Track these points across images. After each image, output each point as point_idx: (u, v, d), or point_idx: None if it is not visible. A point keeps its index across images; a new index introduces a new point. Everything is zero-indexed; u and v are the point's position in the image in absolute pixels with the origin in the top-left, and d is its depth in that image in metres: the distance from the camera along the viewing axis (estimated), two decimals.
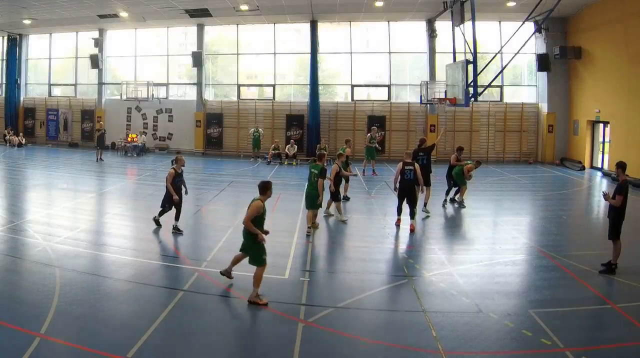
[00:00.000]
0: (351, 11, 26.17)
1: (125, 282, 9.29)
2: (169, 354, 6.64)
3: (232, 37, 30.57)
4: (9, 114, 35.34)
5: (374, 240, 12.26)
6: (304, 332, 7.19)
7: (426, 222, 14.37)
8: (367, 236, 12.75)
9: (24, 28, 33.20)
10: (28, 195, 18.91)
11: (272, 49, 29.42)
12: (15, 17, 29.39)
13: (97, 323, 7.43)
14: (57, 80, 35.78)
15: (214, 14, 27.19)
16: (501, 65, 23.51)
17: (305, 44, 28.28)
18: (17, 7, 27.01)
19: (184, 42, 32.37)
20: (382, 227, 13.66)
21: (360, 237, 12.75)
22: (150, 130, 32.11)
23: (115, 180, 21.93)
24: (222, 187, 19.92)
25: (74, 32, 33.79)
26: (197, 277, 9.47)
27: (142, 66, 32.56)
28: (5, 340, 6.68)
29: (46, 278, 9.22)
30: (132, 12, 27.31)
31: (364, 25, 28.78)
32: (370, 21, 28.22)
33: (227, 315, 8.25)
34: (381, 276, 9.91)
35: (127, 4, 25.96)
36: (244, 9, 25.76)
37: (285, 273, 9.79)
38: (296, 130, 28.65)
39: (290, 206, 16.03)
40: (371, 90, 29.69)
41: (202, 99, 30.58)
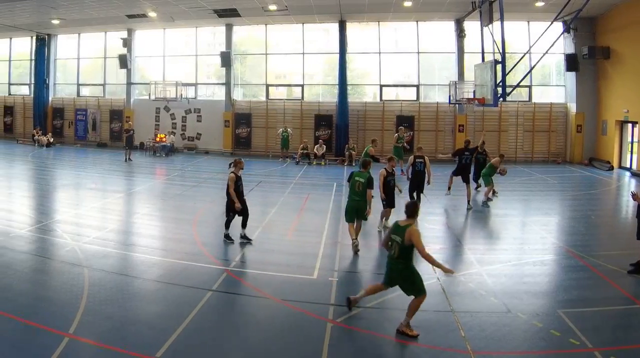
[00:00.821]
0: (380, 11, 27.83)
1: (153, 282, 9.83)
2: (198, 354, 7.00)
3: (261, 37, 32.77)
4: (38, 114, 38.11)
5: None
6: (333, 332, 7.59)
7: (455, 222, 15.51)
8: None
9: (52, 28, 35.70)
10: (57, 195, 20.02)
11: (301, 49, 31.33)
12: (44, 17, 31.49)
13: (125, 323, 7.85)
14: (85, 80, 38.42)
15: (242, 14, 29.00)
16: (529, 65, 24.93)
17: (334, 44, 30.13)
18: (46, 7, 28.88)
19: (212, 42, 34.64)
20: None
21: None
22: (179, 130, 34.50)
23: (144, 180, 23.25)
24: (250, 187, 20.68)
25: (103, 32, 36.34)
26: (226, 277, 9.98)
27: (171, 66, 34.99)
28: (34, 340, 7.11)
29: (75, 278, 9.75)
30: (161, 12, 29.20)
31: (393, 25, 30.46)
32: (399, 21, 29.92)
33: (255, 315, 8.55)
34: None
35: (156, 4, 27.73)
36: (272, 9, 27.46)
37: (314, 273, 10.32)
38: (325, 130, 30.49)
39: (319, 206, 17.06)
40: (400, 90, 31.41)
41: (230, 99, 32.85)
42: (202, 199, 18.47)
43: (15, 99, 40.44)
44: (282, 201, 18.21)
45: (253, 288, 9.55)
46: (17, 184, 21.69)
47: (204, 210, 16.65)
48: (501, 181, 19.69)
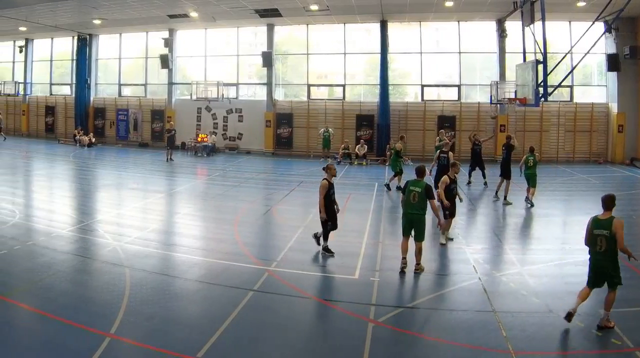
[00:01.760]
0: (421, 11, 29.95)
1: (195, 282, 10.48)
2: (239, 354, 7.47)
3: (302, 37, 35.56)
4: (79, 114, 41.81)
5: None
6: (374, 332, 8.07)
7: (495, 222, 16.67)
8: (437, 235, 14.02)
9: (93, 28, 39.05)
10: (98, 195, 21.52)
11: (342, 48, 33.98)
12: (85, 17, 34.37)
13: (167, 323, 8.41)
14: (127, 80, 42.05)
15: (284, 14, 31.39)
16: (571, 65, 26.64)
17: (375, 44, 32.60)
18: (87, 7, 31.51)
19: (254, 42, 37.81)
20: (452, 227, 14.73)
21: (429, 236, 13.74)
22: (220, 130, 37.65)
23: (185, 180, 24.81)
24: (292, 187, 22.38)
25: (144, 32, 39.82)
26: (267, 277, 10.62)
27: (212, 66, 38.21)
28: (76, 340, 7.59)
29: (116, 278, 10.44)
30: (202, 12, 31.63)
31: (434, 25, 32.85)
32: (440, 21, 32.24)
33: (297, 315, 9.09)
34: (451, 276, 11.11)
35: (197, 4, 29.98)
36: (314, 9, 29.64)
37: (355, 273, 11.01)
38: (366, 130, 32.93)
39: (360, 206, 18.23)
40: (441, 90, 33.95)
41: (272, 99, 35.54)
42: (244, 199, 19.88)
43: (56, 99, 44.33)
44: None
45: (294, 288, 10.17)
46: (58, 184, 23.71)
47: (245, 210, 17.90)
48: (543, 181, 21.45)
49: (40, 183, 23.60)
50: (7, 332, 8.01)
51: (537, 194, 18.90)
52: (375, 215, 16.82)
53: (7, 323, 8.36)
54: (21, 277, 10.74)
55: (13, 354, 7.34)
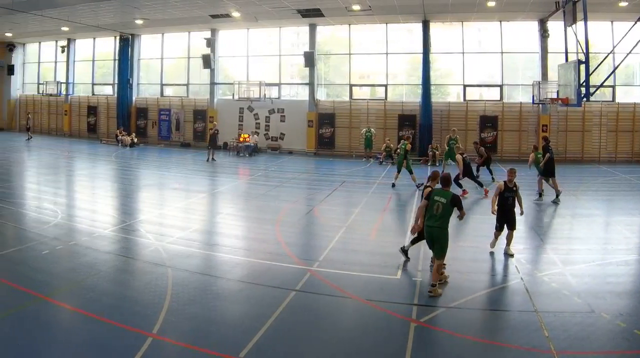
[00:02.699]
0: (463, 11, 32.14)
1: (237, 282, 11.15)
2: (282, 354, 7.90)
3: (344, 37, 38.55)
4: (121, 114, 45.63)
5: (486, 240, 14.12)
6: (416, 332, 8.58)
7: (536, 221, 17.52)
8: (478, 236, 15.03)
9: (136, 28, 42.46)
10: (140, 195, 22.84)
11: (384, 48, 36.90)
12: (128, 17, 37.28)
13: (209, 323, 8.95)
14: (169, 80, 45.77)
15: (326, 14, 33.91)
16: (613, 65, 28.02)
17: (417, 44, 35.22)
18: (130, 7, 34.07)
19: (296, 42, 41.03)
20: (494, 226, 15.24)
21: (471, 237, 15.07)
22: (263, 130, 40.82)
23: (227, 180, 26.46)
24: (334, 187, 23.66)
25: (186, 32, 43.34)
26: (309, 277, 11.27)
27: (254, 66, 41.30)
28: (118, 340, 8.11)
29: (158, 278, 11.09)
30: (244, 12, 34.24)
31: (476, 25, 35.40)
32: (482, 21, 34.68)
33: (339, 315, 9.69)
34: (493, 276, 11.87)
35: (240, 4, 32.38)
36: (356, 9, 31.81)
37: (397, 273, 11.74)
38: (408, 130, 35.19)
39: (402, 206, 19.79)
40: (483, 90, 36.50)
41: (314, 98, 38.60)
42: (286, 199, 21.15)
43: (98, 99, 48.41)
44: (365, 201, 20.73)
45: (336, 288, 10.79)
46: (100, 184, 25.28)
47: (288, 210, 18.97)
48: (585, 181, 23.54)
49: (83, 183, 25.32)
50: (50, 332, 8.64)
51: (579, 194, 21.14)
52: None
53: (50, 324, 9.02)
54: (63, 277, 11.52)
55: (56, 354, 7.92)
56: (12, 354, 7.80)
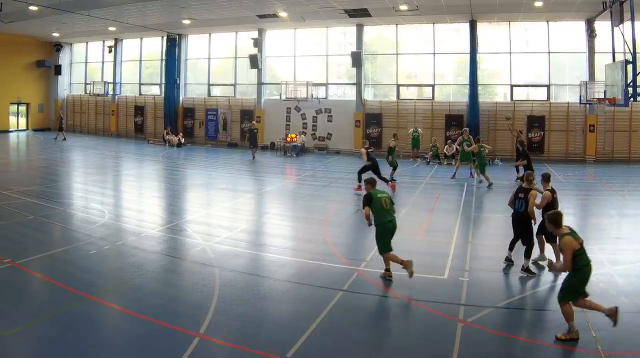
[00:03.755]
0: (510, 11, 34.05)
1: (284, 282, 11.89)
2: (329, 354, 8.52)
3: (392, 37, 41.48)
4: (168, 114, 49.63)
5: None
6: (464, 332, 9.16)
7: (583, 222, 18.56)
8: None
9: (183, 28, 45.08)
10: (187, 195, 24.21)
11: (432, 48, 39.49)
12: (175, 17, 40.13)
13: (256, 323, 9.55)
14: (216, 80, 49.83)
15: (373, 14, 36.16)
16: None
17: (465, 43, 37.66)
18: (177, 7, 36.46)
19: (343, 42, 44.33)
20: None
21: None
22: (310, 130, 43.71)
23: (275, 180, 28.02)
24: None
25: (233, 32, 46.95)
26: (356, 277, 12.03)
27: (301, 66, 44.16)
28: (165, 340, 8.77)
29: (205, 278, 11.88)
30: (292, 12, 36.61)
31: (523, 25, 37.50)
32: (530, 21, 36.75)
33: (386, 315, 10.44)
34: (540, 276, 12.35)
35: (287, 4, 34.53)
36: (403, 9, 33.99)
37: (445, 273, 12.48)
38: (455, 130, 37.58)
39: (449, 206, 20.82)
40: (530, 90, 38.73)
41: (361, 99, 41.37)
42: (333, 199, 22.37)
43: (145, 99, 52.80)
44: (412, 201, 21.89)
45: (383, 288, 11.53)
46: (148, 184, 27.00)
47: (335, 210, 20.12)
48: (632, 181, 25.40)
49: (130, 184, 27.12)
50: (98, 332, 9.21)
51: (627, 194, 22.76)
52: (464, 215, 19.10)
53: (98, 323, 9.61)
54: (111, 277, 12.33)
55: (104, 354, 8.44)
56: (60, 354, 8.44)
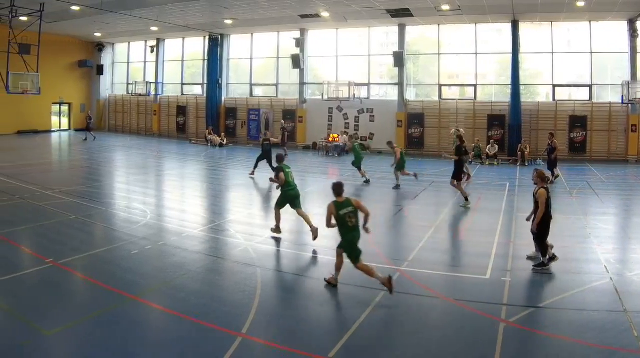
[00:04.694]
0: (553, 11, 35.83)
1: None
2: (371, 354, 9.07)
3: (434, 37, 43.90)
4: (210, 114, 52.99)
5: (575, 240, 16.03)
6: (505, 332, 9.70)
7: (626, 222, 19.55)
8: (567, 236, 16.60)
9: (225, 28, 47.99)
10: (229, 195, 25.35)
11: (474, 48, 41.91)
12: (217, 17, 42.71)
13: (298, 323, 10.30)
14: (258, 80, 53.09)
15: (415, 14, 38.36)
16: None
17: (507, 43, 39.66)
18: (219, 8, 38.80)
19: (385, 42, 46.42)
20: (583, 227, 17.84)
21: (561, 237, 16.01)
22: (352, 130, 46.27)
23: (317, 180, 29.03)
24: (423, 187, 26.17)
25: (275, 32, 49.35)
26: (398, 277, 12.43)
27: (343, 66, 46.99)
28: (208, 340, 9.29)
29: (248, 278, 12.53)
30: (334, 12, 38.75)
31: (565, 25, 39.56)
32: (572, 21, 38.79)
33: (428, 315, 10.90)
34: (582, 276, 12.96)
35: (329, 4, 36.46)
36: (445, 9, 35.91)
37: (487, 273, 13.04)
38: (497, 130, 40.27)
39: (491, 206, 21.56)
40: (572, 90, 40.73)
41: (403, 99, 44.05)
42: (375, 199, 23.21)
43: (187, 99, 56.40)
44: (454, 201, 22.61)
45: (425, 288, 12.03)
46: (190, 184, 28.27)
47: (377, 209, 19.99)
48: None
49: (172, 184, 28.36)
50: (140, 332, 9.75)
51: None
52: (506, 215, 19.85)
53: (140, 323, 10.18)
54: (153, 277, 12.93)
55: (146, 354, 8.93)
56: (102, 354, 8.91)
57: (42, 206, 20.74)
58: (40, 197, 22.49)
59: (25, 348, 9.00)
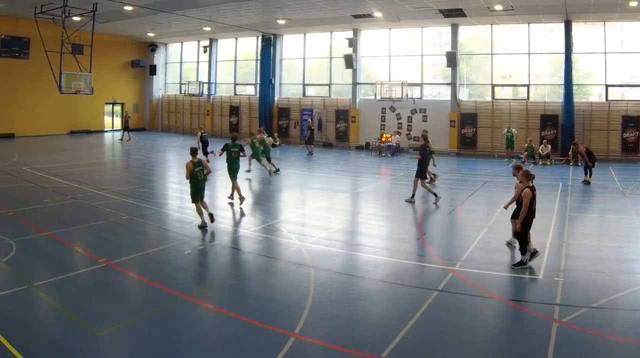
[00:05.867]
0: (605, 11, 37.51)
1: (379, 282, 13.30)
2: (424, 354, 9.62)
3: (486, 37, 46.28)
4: (263, 114, 56.66)
5: (628, 240, 16.79)
6: (559, 332, 10.24)
7: None
8: (621, 236, 17.55)
9: (278, 28, 50.86)
10: (282, 195, 26.69)
11: (526, 48, 44.20)
12: (270, 17, 45.25)
13: (351, 323, 10.90)
14: (311, 80, 56.74)
15: (468, 14, 40.47)
16: None
17: (559, 43, 41.87)
18: (272, 8, 41.00)
19: (438, 42, 48.83)
20: (637, 226, 18.65)
21: (614, 236, 17.29)
22: (404, 130, 49.22)
23: (370, 181, 30.39)
24: (476, 187, 27.16)
25: (328, 32, 52.46)
26: (451, 277, 13.36)
27: (396, 66, 49.81)
28: (261, 340, 9.98)
29: (300, 278, 13.33)
30: (387, 12, 40.92)
31: (618, 25, 41.21)
32: (625, 21, 40.21)
33: (481, 315, 11.54)
34: (635, 276, 13.68)
35: (382, 4, 38.39)
36: (498, 9, 37.64)
37: (540, 273, 13.80)
38: (550, 130, 42.62)
39: (544, 206, 20.98)
40: (625, 90, 42.35)
41: (456, 98, 46.42)
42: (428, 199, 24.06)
43: (240, 99, 60.25)
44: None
45: (478, 288, 12.63)
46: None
47: (430, 209, 22.05)
48: None
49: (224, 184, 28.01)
50: (193, 332, 10.24)
51: None
52: (559, 215, 20.78)
53: (193, 323, 10.75)
54: (205, 277, 13.94)
55: (199, 354, 9.60)
56: (155, 354, 9.45)
57: (95, 206, 22.15)
58: (92, 197, 24.06)
59: (79, 349, 9.70)
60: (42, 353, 9.54)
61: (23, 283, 13.01)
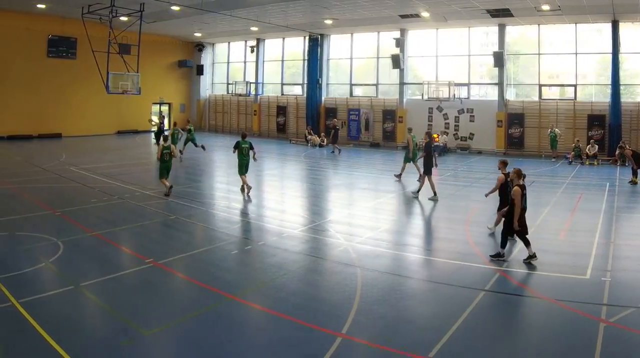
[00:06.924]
0: None
1: (426, 282, 14.06)
2: (471, 354, 10.05)
3: (533, 37, 48.35)
4: (310, 114, 59.84)
5: None
6: (606, 332, 10.69)
7: None
8: None
9: (325, 28, 53.36)
10: (329, 195, 27.76)
11: (573, 48, 46.04)
12: (317, 17, 47.61)
13: (398, 323, 11.44)
14: (358, 80, 59.52)
15: (515, 14, 42.02)
16: None
17: (607, 43, 43.59)
18: (319, 8, 42.94)
19: (485, 42, 51.08)
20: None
21: None
22: (452, 130, 51.67)
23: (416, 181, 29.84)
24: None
25: (375, 32, 55.07)
26: (498, 277, 14.05)
27: (443, 66, 52.19)
28: (308, 340, 10.50)
29: (347, 278, 14.00)
30: (434, 12, 42.93)
31: None
32: None
33: (527, 315, 12.20)
34: None
35: (429, 4, 40.22)
36: (545, 9, 39.31)
37: (587, 273, 14.42)
38: (597, 130, 44.31)
39: (592, 206, 23.22)
40: None
41: (503, 98, 48.52)
42: (475, 199, 24.93)
43: (287, 99, 63.42)
44: (554, 201, 24.60)
45: (525, 288, 13.46)
46: (290, 184, 31.25)
47: (477, 209, 22.54)
48: None
49: (272, 183, 31.10)
50: (239, 332, 10.91)
51: None
52: (606, 215, 21.54)
53: (240, 323, 11.40)
54: (252, 277, 14.42)
55: (247, 353, 10.08)
56: (203, 354, 9.96)
57: (142, 206, 23.12)
58: (139, 197, 25.13)
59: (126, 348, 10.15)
60: (89, 354, 10.03)
61: (70, 283, 13.58)
